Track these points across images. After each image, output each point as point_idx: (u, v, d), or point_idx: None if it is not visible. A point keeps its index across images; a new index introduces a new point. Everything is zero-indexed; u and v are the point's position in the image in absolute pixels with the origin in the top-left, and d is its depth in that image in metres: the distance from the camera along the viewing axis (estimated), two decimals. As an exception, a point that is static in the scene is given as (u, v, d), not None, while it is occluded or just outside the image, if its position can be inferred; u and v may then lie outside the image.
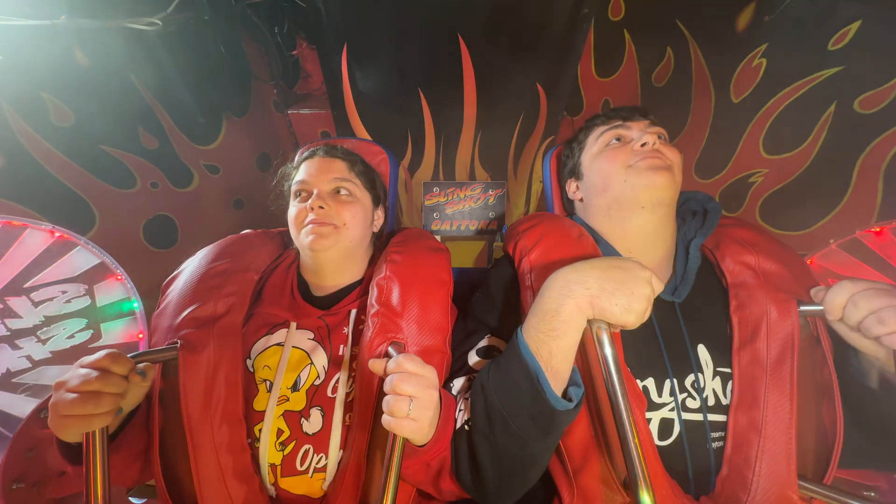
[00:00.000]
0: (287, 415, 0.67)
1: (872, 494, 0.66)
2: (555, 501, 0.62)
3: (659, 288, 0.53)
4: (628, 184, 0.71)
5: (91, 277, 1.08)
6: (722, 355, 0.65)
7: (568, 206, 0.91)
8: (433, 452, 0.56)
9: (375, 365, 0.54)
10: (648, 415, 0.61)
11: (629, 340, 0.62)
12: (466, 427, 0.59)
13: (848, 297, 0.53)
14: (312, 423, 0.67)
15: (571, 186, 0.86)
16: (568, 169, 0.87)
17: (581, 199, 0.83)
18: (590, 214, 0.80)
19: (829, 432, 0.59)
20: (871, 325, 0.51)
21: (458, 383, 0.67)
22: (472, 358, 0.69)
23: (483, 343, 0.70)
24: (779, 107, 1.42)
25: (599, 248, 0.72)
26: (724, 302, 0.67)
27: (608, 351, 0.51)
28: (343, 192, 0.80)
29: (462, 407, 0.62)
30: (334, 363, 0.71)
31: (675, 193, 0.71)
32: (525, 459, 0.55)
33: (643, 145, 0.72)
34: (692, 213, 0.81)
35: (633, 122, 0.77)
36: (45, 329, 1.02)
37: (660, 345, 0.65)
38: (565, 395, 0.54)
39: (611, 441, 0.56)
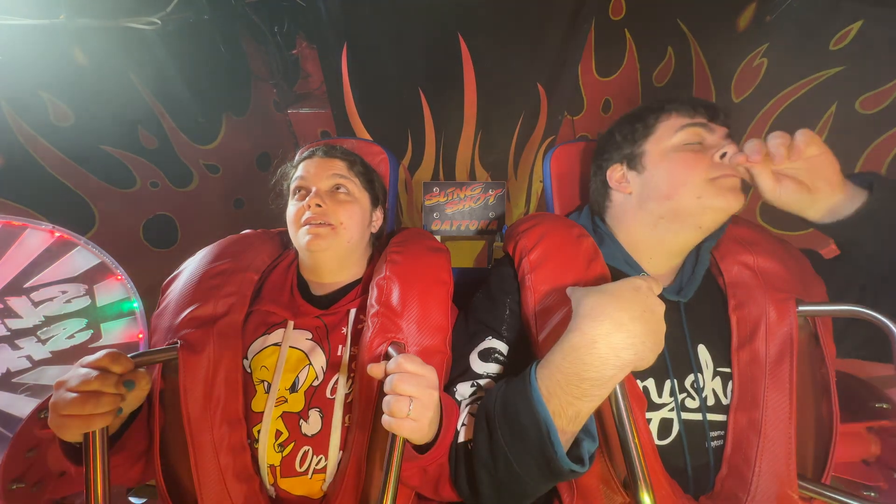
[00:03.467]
0: (285, 416, 0.67)
1: (872, 494, 0.66)
2: (555, 502, 0.62)
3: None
4: (701, 201, 0.63)
5: (91, 277, 1.08)
6: (722, 355, 0.65)
7: (600, 194, 0.77)
8: (432, 458, 0.56)
9: (375, 370, 0.53)
10: (648, 415, 0.61)
11: None
12: (468, 446, 0.58)
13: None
14: (311, 425, 0.67)
15: (617, 172, 0.73)
16: (622, 153, 0.73)
17: (630, 193, 0.72)
18: (630, 215, 0.72)
19: (828, 432, 0.59)
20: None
21: (461, 389, 0.66)
22: (474, 360, 0.68)
23: (484, 345, 0.69)
24: (780, 107, 1.42)
25: (601, 249, 0.71)
26: (723, 301, 0.67)
27: None
28: (341, 191, 0.80)
29: (466, 422, 0.61)
30: (333, 364, 0.71)
31: None
32: (527, 494, 0.54)
33: (722, 157, 0.63)
34: None
35: (717, 124, 0.66)
36: (45, 329, 1.02)
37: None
38: (578, 445, 0.51)
39: (611, 441, 0.56)
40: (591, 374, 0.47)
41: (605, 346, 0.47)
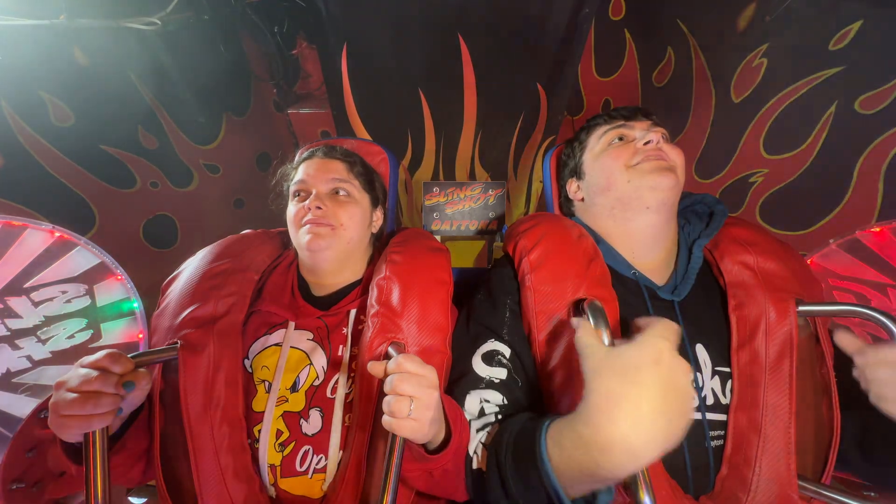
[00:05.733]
0: (286, 415, 0.67)
1: (873, 494, 0.66)
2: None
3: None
4: (632, 184, 0.70)
5: (91, 277, 1.08)
6: (720, 355, 0.65)
7: (566, 207, 0.90)
8: (441, 462, 0.55)
9: (375, 368, 0.53)
10: (648, 415, 0.61)
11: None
12: (483, 475, 0.57)
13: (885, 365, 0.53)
14: (312, 424, 0.67)
15: (572, 186, 0.85)
16: (569, 169, 0.87)
17: (582, 199, 0.83)
18: (592, 214, 0.80)
19: (828, 432, 0.59)
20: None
21: (469, 406, 0.64)
22: (476, 362, 0.68)
23: (486, 347, 0.69)
24: (779, 107, 1.42)
25: (600, 249, 0.72)
26: (723, 301, 0.67)
27: None
28: (341, 193, 0.80)
29: (478, 451, 0.59)
30: (333, 364, 0.71)
31: (678, 194, 0.72)
32: None
33: (646, 144, 0.72)
34: (696, 214, 0.80)
35: (636, 121, 0.76)
36: (45, 329, 1.02)
37: (660, 345, 0.65)
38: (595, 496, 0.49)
39: (611, 441, 0.56)
40: (605, 474, 0.43)
41: (622, 452, 0.41)
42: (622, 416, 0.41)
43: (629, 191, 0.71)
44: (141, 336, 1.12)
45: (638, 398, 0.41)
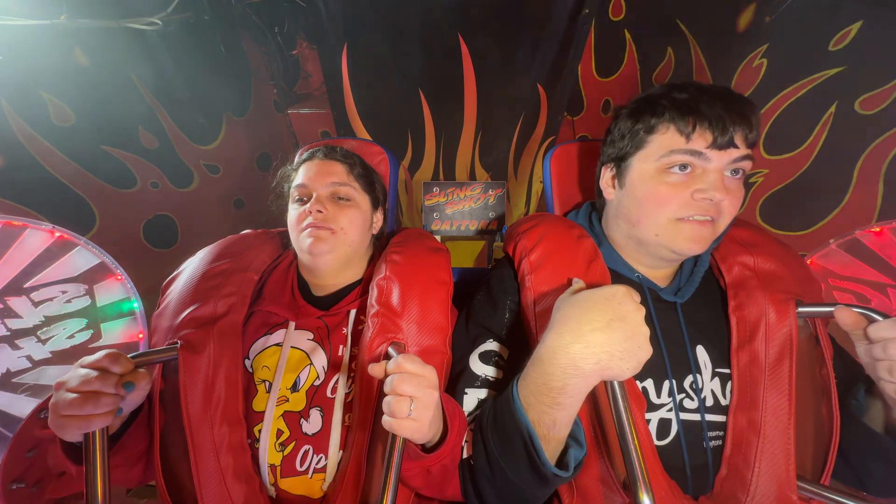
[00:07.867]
0: (287, 415, 0.67)
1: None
2: (554, 502, 0.62)
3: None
4: (658, 239, 0.64)
5: (91, 277, 1.08)
6: (721, 356, 0.65)
7: (598, 188, 0.76)
8: (437, 458, 0.56)
9: (375, 370, 0.54)
10: (647, 415, 0.61)
11: None
12: (472, 462, 0.59)
13: (888, 337, 0.50)
14: (312, 424, 0.67)
15: (606, 174, 0.72)
16: (617, 151, 0.69)
17: (611, 199, 0.72)
18: (609, 219, 0.75)
19: (827, 433, 0.59)
20: (882, 369, 0.51)
21: (467, 405, 0.65)
22: (473, 361, 0.68)
23: (484, 347, 0.69)
24: (779, 107, 1.42)
25: (601, 251, 0.72)
26: (723, 302, 0.67)
27: None
28: (342, 196, 0.80)
29: (468, 439, 0.61)
30: (334, 364, 0.71)
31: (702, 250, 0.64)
32: (527, 500, 0.56)
33: (704, 198, 0.59)
34: None
35: (721, 150, 0.59)
36: (45, 329, 1.02)
37: (660, 346, 0.65)
38: (566, 452, 0.53)
39: (610, 442, 0.57)
40: (556, 384, 0.49)
41: (564, 357, 0.49)
42: (567, 331, 0.50)
43: (651, 241, 0.65)
44: (141, 336, 1.12)
45: (580, 320, 0.50)
